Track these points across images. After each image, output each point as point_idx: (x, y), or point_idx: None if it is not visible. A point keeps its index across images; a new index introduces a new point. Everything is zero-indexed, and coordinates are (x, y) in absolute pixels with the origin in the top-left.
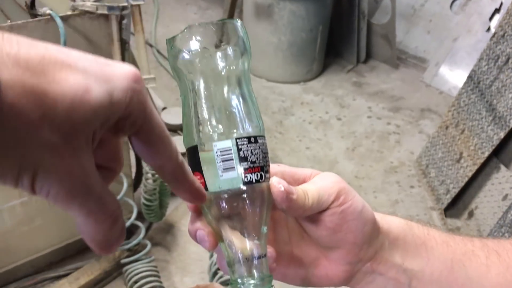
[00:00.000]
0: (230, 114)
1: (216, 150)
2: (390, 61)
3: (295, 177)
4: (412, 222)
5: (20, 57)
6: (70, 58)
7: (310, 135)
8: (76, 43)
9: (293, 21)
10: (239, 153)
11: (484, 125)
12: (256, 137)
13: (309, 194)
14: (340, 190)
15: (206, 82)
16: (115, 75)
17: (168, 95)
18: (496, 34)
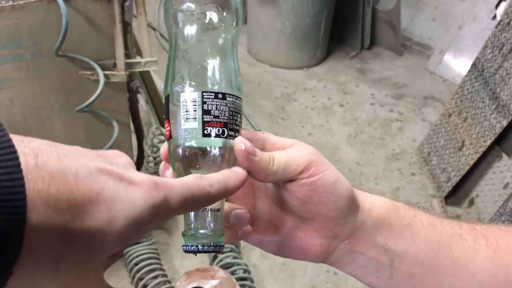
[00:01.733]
0: (203, 70)
1: (183, 100)
2: (395, 48)
3: (275, 146)
4: (398, 203)
5: (50, 197)
6: (97, 187)
7: (312, 121)
8: (78, 25)
9: (297, 5)
10: (203, 106)
11: (487, 114)
12: (225, 94)
13: (275, 160)
14: (310, 161)
15: (188, 38)
16: (139, 198)
17: None
18: (502, 22)
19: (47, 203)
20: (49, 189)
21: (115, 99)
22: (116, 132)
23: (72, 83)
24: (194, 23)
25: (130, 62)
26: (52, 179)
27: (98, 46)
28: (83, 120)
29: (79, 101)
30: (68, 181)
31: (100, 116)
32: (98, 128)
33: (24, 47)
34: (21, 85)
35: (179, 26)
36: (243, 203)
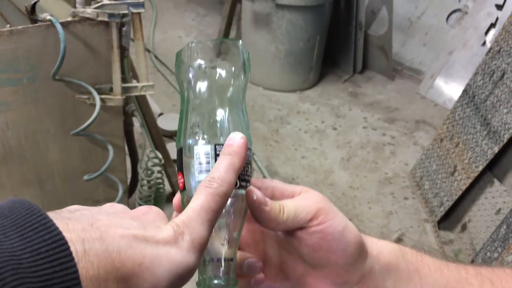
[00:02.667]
0: (215, 123)
1: (196, 153)
2: (386, 72)
3: (284, 193)
4: (405, 248)
5: (101, 279)
6: (138, 257)
7: (305, 144)
8: (75, 49)
9: (291, 30)
10: (216, 158)
11: (478, 139)
12: None
13: (285, 209)
14: (319, 209)
15: (199, 93)
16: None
17: (165, 100)
18: (492, 50)
19: (98, 286)
20: (99, 272)
21: (111, 122)
22: (111, 156)
23: (68, 107)
24: (205, 79)
25: (126, 87)
26: (100, 262)
27: (95, 70)
28: (78, 144)
29: (74, 124)
30: (113, 259)
31: (95, 140)
32: (93, 151)
33: (21, 71)
34: (17, 109)
35: (190, 82)
36: (253, 250)
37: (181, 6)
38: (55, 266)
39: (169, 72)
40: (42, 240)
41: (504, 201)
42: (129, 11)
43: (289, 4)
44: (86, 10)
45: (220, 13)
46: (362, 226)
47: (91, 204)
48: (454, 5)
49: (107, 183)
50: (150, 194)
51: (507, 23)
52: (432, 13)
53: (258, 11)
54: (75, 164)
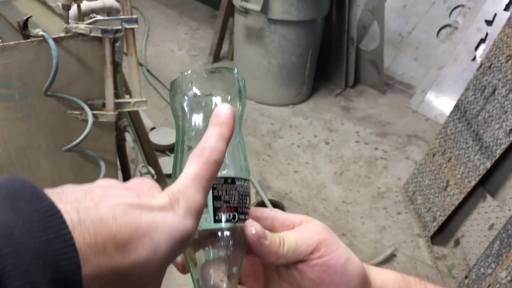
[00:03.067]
0: None
1: None
2: (378, 87)
3: (285, 224)
4: (409, 277)
5: (99, 245)
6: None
7: (298, 159)
8: (68, 65)
9: (283, 45)
10: (213, 192)
11: (470, 154)
12: (234, 179)
13: (285, 241)
14: (320, 241)
15: (194, 124)
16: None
17: (157, 114)
18: (483, 65)
19: (97, 252)
20: (96, 239)
21: (103, 138)
22: (103, 172)
23: (60, 123)
24: (200, 109)
25: (119, 102)
26: (96, 230)
27: (87, 85)
28: (69, 159)
29: (66, 140)
30: (109, 226)
31: (87, 155)
32: (84, 167)
33: (13, 87)
34: (9, 125)
35: (185, 113)
36: (254, 283)
37: (173, 19)
38: (49, 234)
39: (161, 86)
40: (35, 210)
41: (497, 216)
42: (123, 27)
43: (281, 19)
44: (79, 26)
45: (212, 27)
46: (355, 241)
47: None
48: (444, 21)
49: None
50: None
51: (497, 39)
52: (422, 28)
53: (250, 25)
54: (67, 180)
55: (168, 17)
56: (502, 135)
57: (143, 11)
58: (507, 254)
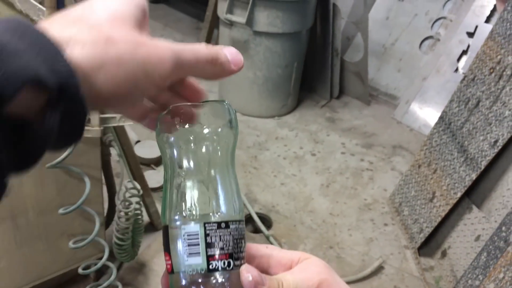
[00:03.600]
0: (202, 196)
1: (184, 234)
2: (363, 98)
3: (282, 262)
4: None
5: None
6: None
7: (285, 171)
8: None
9: (269, 57)
10: (206, 239)
11: (456, 166)
12: (228, 222)
13: (284, 285)
14: (321, 282)
15: (182, 161)
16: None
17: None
18: (466, 77)
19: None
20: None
21: (88, 154)
22: (88, 188)
23: None
24: (189, 146)
25: (104, 117)
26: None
27: None
28: (53, 176)
29: (50, 157)
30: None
31: (71, 172)
32: (68, 184)
33: None
34: None
35: (173, 150)
36: None
37: (157, 31)
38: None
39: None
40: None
41: (483, 227)
42: None
43: (266, 31)
44: None
45: (197, 39)
46: (343, 254)
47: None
48: (426, 32)
49: (83, 215)
50: (128, 226)
51: (480, 52)
52: (405, 40)
53: (235, 37)
54: (50, 197)
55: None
56: (487, 147)
57: None
58: (494, 265)
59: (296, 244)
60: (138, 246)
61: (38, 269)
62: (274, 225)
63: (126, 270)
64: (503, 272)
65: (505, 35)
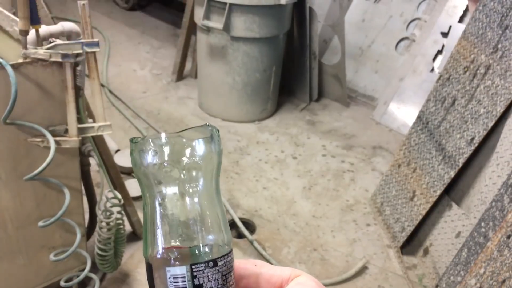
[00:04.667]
0: (187, 232)
1: (169, 276)
2: (341, 100)
3: (271, 281)
4: None
5: None
6: None
7: (266, 175)
8: (27, 91)
9: (247, 62)
10: (194, 281)
11: (434, 164)
12: (216, 260)
13: None
14: None
15: (164, 196)
16: None
17: (121, 136)
18: (442, 77)
19: None
20: None
21: (66, 164)
22: (68, 199)
23: (20, 151)
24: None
25: (82, 127)
26: None
27: (48, 111)
28: (31, 188)
29: (27, 169)
30: None
31: (50, 183)
32: (47, 196)
33: None
34: None
35: (151, 183)
36: None
37: (134, 38)
38: None
39: (124, 107)
40: None
41: (463, 224)
42: (84, 51)
43: (244, 36)
44: (38, 51)
45: (174, 45)
46: (327, 256)
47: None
48: (401, 34)
49: (64, 227)
50: (110, 236)
51: (454, 52)
52: (381, 42)
53: (213, 43)
54: (29, 210)
55: (129, 37)
56: (464, 145)
57: (102, 31)
58: (475, 261)
59: (280, 247)
60: (121, 256)
61: (19, 284)
62: (258, 229)
63: (109, 281)
64: (484, 267)
65: (477, 34)
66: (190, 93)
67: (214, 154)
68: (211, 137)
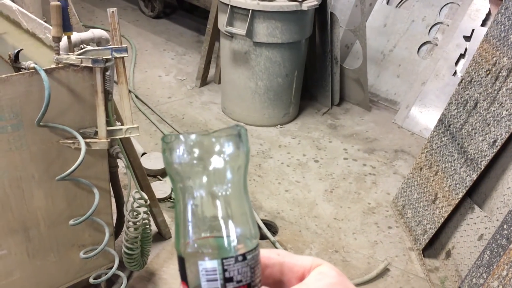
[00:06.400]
0: (216, 227)
1: (202, 270)
2: (363, 104)
3: (293, 270)
4: None
5: None
6: None
7: (288, 178)
8: (59, 95)
9: (269, 67)
10: (225, 274)
11: (456, 167)
12: (245, 255)
13: None
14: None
15: (195, 192)
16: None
17: (147, 140)
18: (464, 80)
19: None
20: None
21: (96, 166)
22: (97, 199)
23: (53, 152)
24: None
25: (111, 129)
26: None
27: (79, 115)
28: (62, 188)
29: (59, 169)
30: None
31: (81, 184)
32: (78, 196)
33: (5, 119)
34: (2, 157)
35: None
36: None
37: (159, 45)
38: None
39: (150, 111)
40: None
41: (486, 226)
42: (113, 56)
43: (266, 42)
44: (70, 57)
45: (198, 52)
46: (349, 258)
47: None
48: (424, 38)
49: (93, 226)
50: (137, 236)
51: (476, 54)
52: (403, 46)
53: (236, 49)
54: (60, 209)
55: (154, 44)
56: (486, 147)
57: (129, 39)
58: (497, 263)
59: (302, 249)
60: (147, 255)
61: (50, 280)
62: (280, 231)
63: (136, 279)
64: (506, 270)
65: (499, 37)
66: (213, 98)
67: (242, 153)
68: (239, 136)
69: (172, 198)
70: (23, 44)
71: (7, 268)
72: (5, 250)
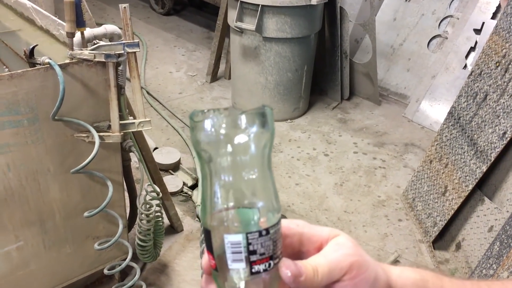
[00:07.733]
0: (243, 203)
1: (227, 242)
2: (373, 98)
3: (312, 240)
4: (427, 275)
5: None
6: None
7: (299, 171)
8: (74, 90)
9: (279, 61)
10: (249, 247)
11: (466, 159)
12: (268, 229)
13: (319, 270)
14: (352, 264)
15: (222, 168)
16: None
17: (159, 135)
18: (473, 72)
19: None
20: None
21: (109, 159)
22: (111, 192)
23: (67, 146)
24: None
25: (124, 123)
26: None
27: (93, 109)
28: (77, 181)
29: (74, 162)
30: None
31: (95, 176)
32: (92, 188)
33: (21, 113)
34: (18, 150)
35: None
36: None
37: (170, 42)
38: None
39: (161, 107)
40: None
41: (496, 218)
42: (125, 51)
43: (276, 37)
44: (84, 52)
45: (209, 48)
46: None
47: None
48: (434, 31)
49: (107, 218)
50: (150, 228)
51: (486, 47)
52: (413, 40)
53: (246, 44)
54: (75, 201)
55: (165, 40)
56: (496, 139)
57: (140, 36)
58: (507, 254)
59: None
60: (160, 247)
61: (65, 271)
62: None
63: (149, 270)
64: None
65: (509, 29)
66: (224, 93)
67: (267, 131)
68: (264, 115)
69: (184, 192)
70: (37, 40)
71: (24, 259)
72: (22, 241)
